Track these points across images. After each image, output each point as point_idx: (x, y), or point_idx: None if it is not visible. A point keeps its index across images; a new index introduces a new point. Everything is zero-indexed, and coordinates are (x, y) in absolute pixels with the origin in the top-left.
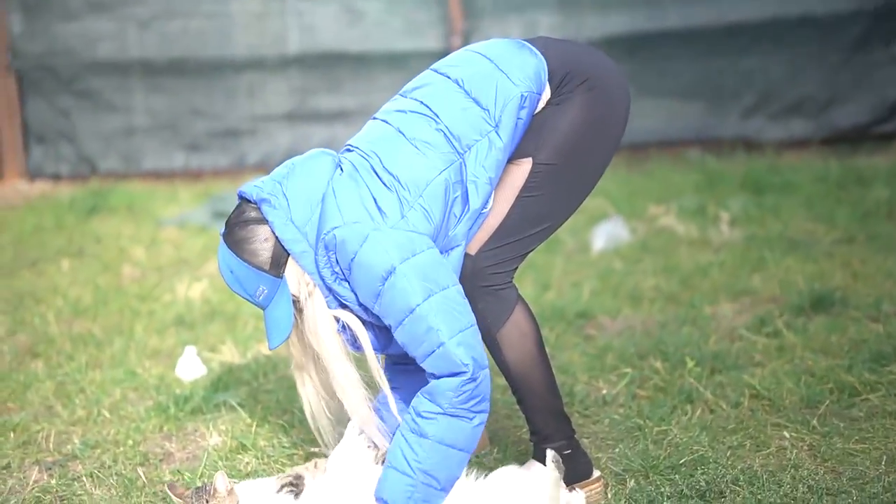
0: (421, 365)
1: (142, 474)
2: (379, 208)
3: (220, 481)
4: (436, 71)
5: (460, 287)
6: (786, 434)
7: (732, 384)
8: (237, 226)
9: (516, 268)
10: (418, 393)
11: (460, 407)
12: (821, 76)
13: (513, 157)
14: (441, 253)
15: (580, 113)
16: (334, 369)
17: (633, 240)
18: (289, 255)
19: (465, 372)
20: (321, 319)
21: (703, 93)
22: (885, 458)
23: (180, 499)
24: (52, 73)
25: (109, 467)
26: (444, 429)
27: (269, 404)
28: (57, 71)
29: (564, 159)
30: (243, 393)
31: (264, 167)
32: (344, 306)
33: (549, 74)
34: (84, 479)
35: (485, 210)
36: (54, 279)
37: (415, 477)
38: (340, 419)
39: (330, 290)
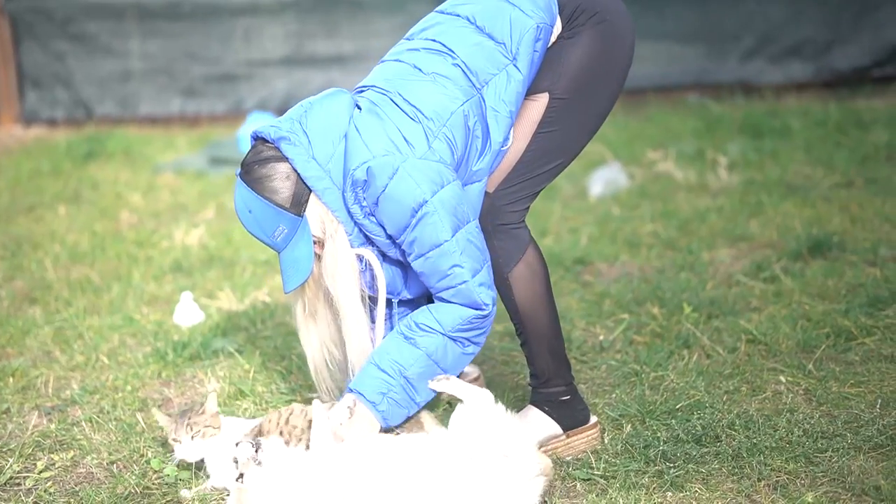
0: (438, 295)
1: (140, 419)
2: (406, 140)
3: (211, 402)
4: (442, 12)
5: (478, 224)
6: (782, 378)
7: (729, 329)
8: (256, 164)
9: (528, 207)
10: (423, 306)
11: (461, 334)
12: (821, 18)
13: (529, 93)
14: (463, 186)
15: (592, 47)
16: (348, 311)
17: (632, 185)
18: (310, 193)
19: (483, 309)
20: (343, 258)
21: (703, 36)
22: (879, 401)
23: (168, 416)
24: (46, 16)
25: (108, 413)
26: (437, 346)
27: (267, 350)
28: (51, 14)
29: (578, 94)
30: (241, 339)
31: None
32: (369, 243)
33: (559, 7)
34: (83, 424)
35: (505, 147)
36: (51, 225)
37: (395, 380)
38: (342, 368)
39: (359, 226)
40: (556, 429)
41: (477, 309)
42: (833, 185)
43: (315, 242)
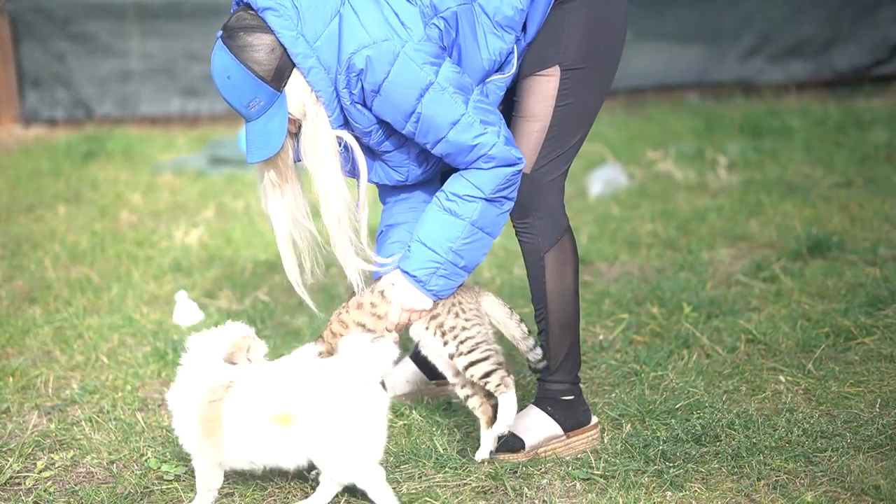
0: (469, 167)
1: (140, 419)
2: (402, 23)
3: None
4: None
5: (477, 87)
6: (781, 378)
7: (729, 329)
8: (241, 30)
9: (563, 186)
10: (456, 174)
11: (500, 193)
12: (820, 17)
13: (539, 69)
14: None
15: (590, 12)
16: (329, 190)
17: (631, 185)
18: (293, 69)
19: (518, 163)
20: (324, 137)
21: (702, 35)
22: (879, 400)
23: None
24: (46, 16)
25: (108, 412)
26: (479, 212)
27: (267, 350)
28: (51, 14)
29: (591, 61)
30: None
31: None
32: (347, 127)
33: None
34: (83, 423)
35: (505, 73)
36: (51, 224)
37: (443, 256)
38: (312, 241)
39: (346, 112)
40: (556, 429)
41: (512, 165)
42: (833, 185)
43: (290, 121)
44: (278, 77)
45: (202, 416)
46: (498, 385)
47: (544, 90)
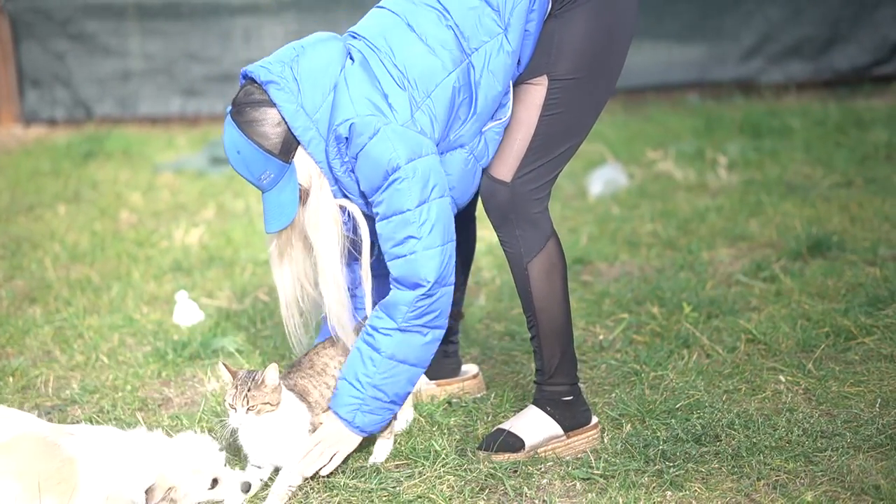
0: (388, 264)
1: (140, 419)
2: (390, 105)
3: (271, 373)
4: None
5: (451, 199)
6: (781, 378)
7: (729, 329)
8: (248, 105)
9: (549, 193)
10: (376, 307)
11: (414, 323)
12: (820, 17)
13: (527, 77)
14: (442, 154)
15: (587, 23)
16: (326, 263)
17: (631, 185)
18: (299, 142)
19: (423, 286)
20: (325, 208)
21: (702, 35)
22: (879, 400)
23: (232, 375)
24: (46, 16)
25: (108, 412)
26: (397, 344)
27: (267, 350)
28: (51, 14)
29: (583, 71)
30: (241, 339)
31: None
32: (346, 197)
33: None
34: (83, 423)
35: (500, 119)
36: (51, 224)
37: (364, 392)
38: (315, 305)
39: (337, 180)
40: (556, 429)
41: (418, 287)
42: (833, 185)
43: (301, 191)
44: (286, 150)
45: None
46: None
47: (531, 98)
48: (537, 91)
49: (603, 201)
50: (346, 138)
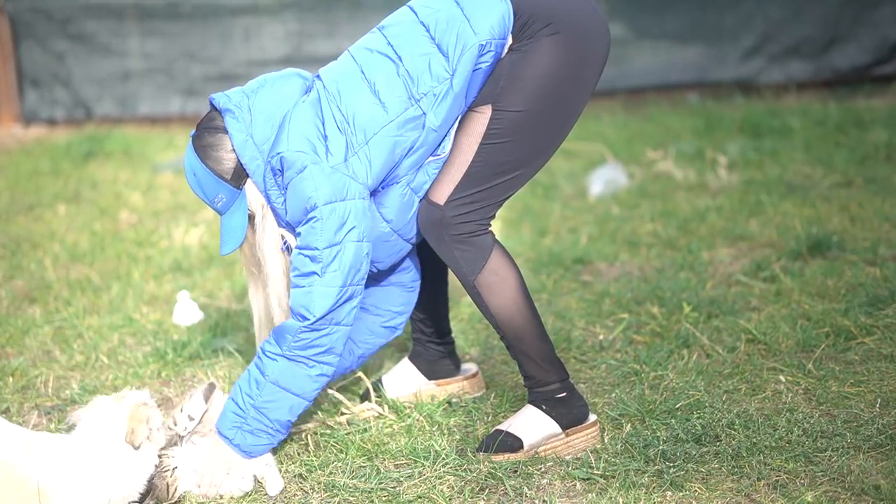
0: (291, 290)
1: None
2: (326, 147)
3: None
4: (411, 8)
5: (369, 246)
6: (781, 378)
7: (729, 329)
8: (207, 131)
9: (492, 215)
10: (271, 332)
11: (299, 353)
12: (821, 17)
13: (473, 105)
14: (381, 188)
15: (545, 58)
16: (272, 283)
17: (631, 185)
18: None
19: (307, 319)
20: (269, 236)
21: (702, 35)
22: (879, 400)
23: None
24: (45, 16)
25: None
26: (280, 371)
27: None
28: (51, 13)
29: (531, 105)
30: (241, 339)
31: None
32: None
33: (515, 15)
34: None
35: (440, 155)
36: (51, 224)
37: (245, 414)
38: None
39: (274, 209)
40: (554, 427)
41: (304, 319)
42: (833, 185)
43: (250, 216)
44: (237, 176)
45: None
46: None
47: (472, 126)
48: (480, 119)
49: (603, 201)
50: (279, 170)
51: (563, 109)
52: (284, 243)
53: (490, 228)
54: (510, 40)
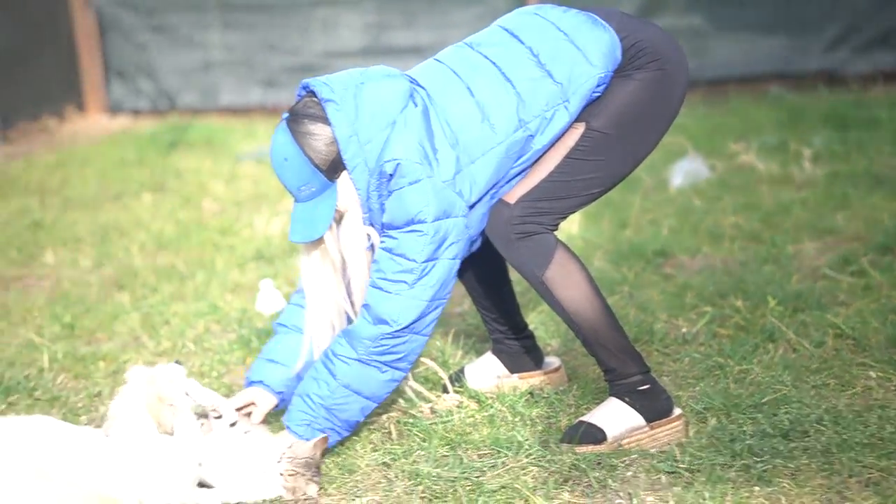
0: (369, 289)
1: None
2: (437, 160)
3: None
4: (506, 29)
5: (457, 263)
6: (871, 374)
7: (816, 323)
8: (306, 118)
9: (557, 224)
10: (339, 334)
11: (375, 357)
12: None
13: (572, 122)
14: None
15: (644, 89)
16: (355, 281)
17: (713, 177)
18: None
19: (390, 326)
20: (356, 234)
21: (785, 25)
22: None
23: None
24: (130, 9)
25: None
26: (353, 374)
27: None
28: (135, 6)
29: (619, 130)
30: None
31: None
32: (372, 226)
33: (620, 49)
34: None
35: (531, 161)
36: (137, 213)
37: (315, 412)
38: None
39: (370, 209)
40: (638, 420)
41: (385, 324)
42: None
43: (336, 211)
44: (333, 168)
45: None
46: None
47: (564, 139)
48: (571, 134)
49: (684, 193)
50: (391, 175)
51: (647, 140)
52: (369, 241)
53: (551, 232)
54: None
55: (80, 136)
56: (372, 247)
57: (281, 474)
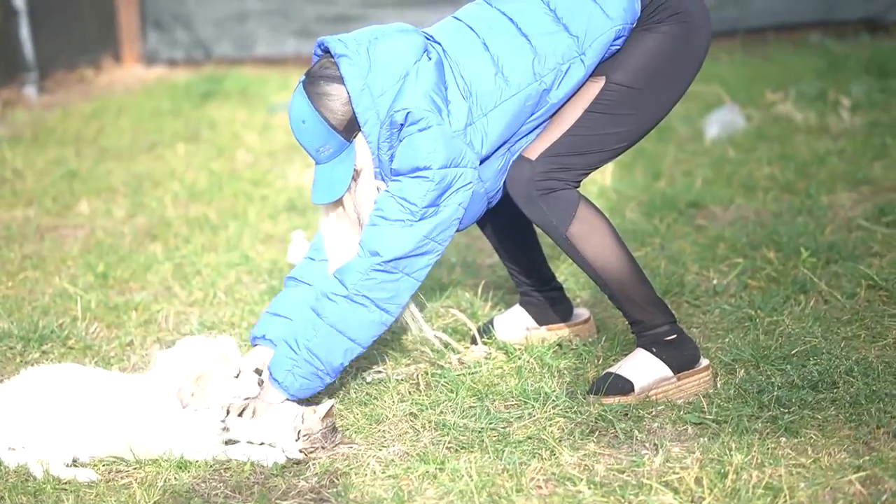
0: (367, 225)
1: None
2: (448, 111)
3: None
4: None
5: (460, 211)
6: None
7: (848, 275)
8: (322, 79)
9: (580, 180)
10: (332, 273)
11: (364, 293)
12: None
13: (590, 76)
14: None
15: (667, 43)
16: None
17: (749, 127)
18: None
19: (381, 255)
20: (369, 190)
21: None
22: None
23: None
24: None
25: None
26: (339, 312)
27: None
28: None
29: (640, 84)
30: None
31: None
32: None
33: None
34: None
35: (548, 115)
36: (171, 163)
37: (298, 354)
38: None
39: (380, 161)
40: (665, 371)
41: (376, 255)
42: None
43: (355, 171)
44: (350, 128)
45: None
46: None
47: (582, 92)
48: (591, 88)
49: (719, 144)
50: (401, 125)
51: (668, 95)
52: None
53: (575, 188)
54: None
55: (116, 87)
56: None
57: (301, 451)
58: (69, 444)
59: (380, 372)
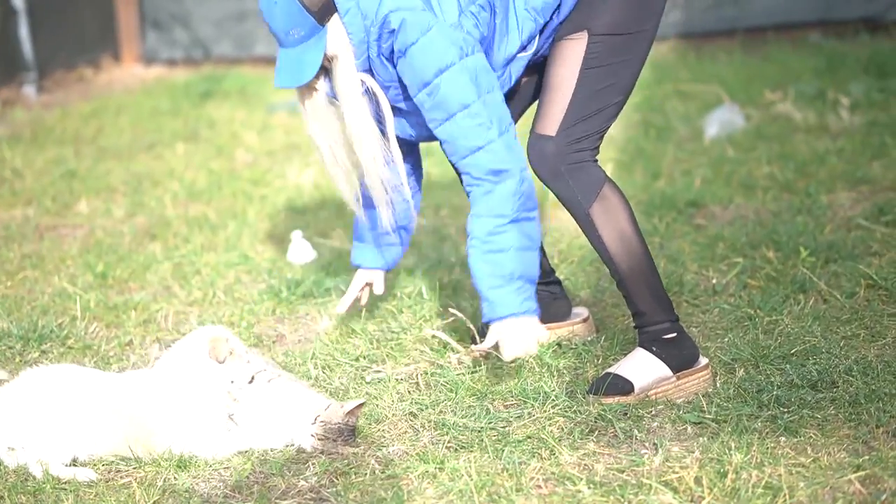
0: (460, 163)
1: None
2: (440, 3)
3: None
4: None
5: (501, 91)
6: None
7: (848, 274)
8: None
9: (598, 146)
10: (471, 217)
11: (523, 209)
12: None
13: (566, 34)
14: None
15: None
16: (360, 129)
17: (748, 126)
18: (337, 10)
19: (509, 171)
20: (353, 78)
21: None
22: None
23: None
24: None
25: None
26: (516, 236)
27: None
28: None
29: (622, 28)
30: None
31: None
32: (370, 73)
33: None
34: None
35: (528, 51)
36: (170, 162)
37: (514, 283)
38: (348, 172)
39: (371, 62)
40: (665, 370)
41: (508, 176)
42: None
43: (325, 57)
44: (324, 12)
45: None
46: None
47: (570, 54)
48: (576, 47)
49: (718, 143)
50: (394, 30)
51: (648, 31)
52: (363, 86)
53: (597, 161)
54: None
55: (115, 86)
56: (367, 91)
57: (312, 435)
58: (69, 444)
59: (379, 372)
